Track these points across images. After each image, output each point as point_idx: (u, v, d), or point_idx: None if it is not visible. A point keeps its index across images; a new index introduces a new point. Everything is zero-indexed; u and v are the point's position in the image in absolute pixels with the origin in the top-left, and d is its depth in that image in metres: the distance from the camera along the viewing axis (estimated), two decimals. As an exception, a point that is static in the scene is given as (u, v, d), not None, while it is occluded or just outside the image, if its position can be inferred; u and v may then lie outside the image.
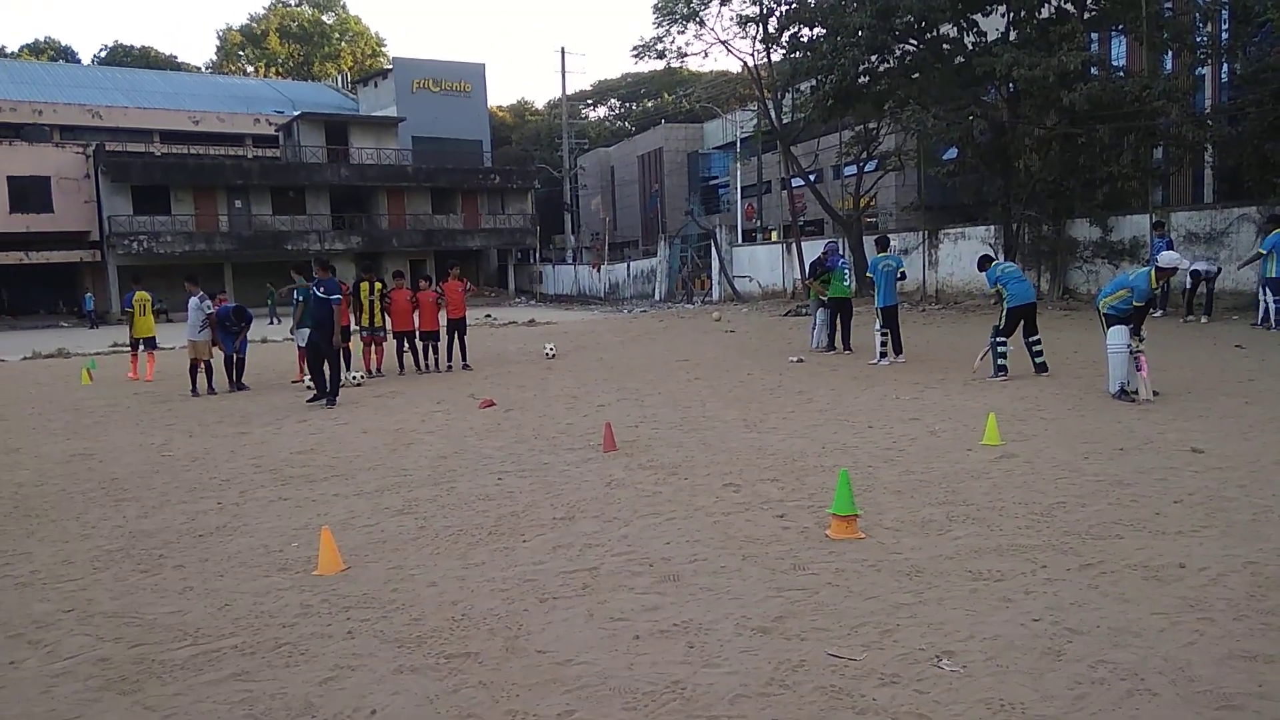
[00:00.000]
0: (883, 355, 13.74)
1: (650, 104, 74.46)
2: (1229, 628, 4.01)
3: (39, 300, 44.38)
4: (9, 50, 72.64)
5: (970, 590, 4.59)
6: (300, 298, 15.08)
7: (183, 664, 4.16)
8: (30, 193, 42.41)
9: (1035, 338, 11.67)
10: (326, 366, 12.38)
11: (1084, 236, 23.25)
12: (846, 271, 15.00)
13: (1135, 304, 9.48)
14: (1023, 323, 11.59)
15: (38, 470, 8.74)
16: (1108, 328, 9.63)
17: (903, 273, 14.29)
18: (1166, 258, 9.68)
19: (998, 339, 11.53)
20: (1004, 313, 11.51)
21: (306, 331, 14.86)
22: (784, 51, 28.95)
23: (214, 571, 5.46)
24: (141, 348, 17.36)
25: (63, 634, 4.59)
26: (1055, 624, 4.13)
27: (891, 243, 15.68)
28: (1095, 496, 6.13)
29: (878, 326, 13.87)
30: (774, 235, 43.77)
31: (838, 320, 15.44)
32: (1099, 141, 20.93)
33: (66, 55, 74.10)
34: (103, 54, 76.31)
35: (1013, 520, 5.70)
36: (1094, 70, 22.42)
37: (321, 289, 12.28)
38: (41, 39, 76.72)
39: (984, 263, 12.23)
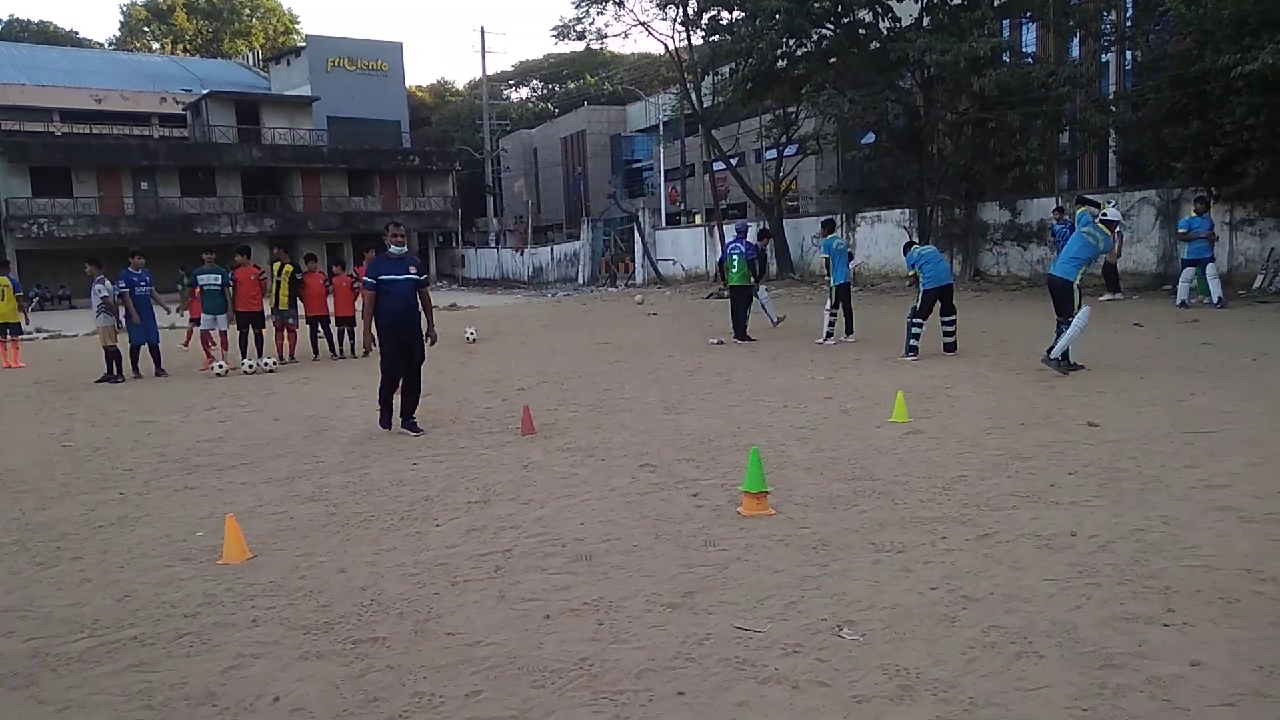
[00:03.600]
0: (829, 335, 13.88)
1: (573, 85, 73.92)
2: (1114, 591, 4.19)
3: (-70, 287, 42.37)
4: (-107, 22, 68.94)
5: (873, 562, 4.72)
6: (196, 283, 14.53)
7: (79, 656, 4.06)
8: (-81, 173, 40.44)
9: (950, 318, 11.99)
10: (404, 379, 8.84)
11: (994, 219, 23.93)
12: (735, 259, 14.73)
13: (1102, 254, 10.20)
14: (939, 303, 11.91)
15: (-73, 463, 8.38)
16: (1080, 303, 9.90)
17: (851, 253, 14.46)
18: (1113, 212, 10.29)
19: (913, 319, 11.82)
20: (920, 294, 11.82)
21: (223, 318, 14.53)
22: (704, 34, 29.12)
23: (114, 563, 5.34)
24: (7, 335, 16.78)
25: (-49, 630, 4.43)
26: (951, 592, 4.28)
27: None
28: (995, 470, 6.34)
29: (829, 305, 14.00)
30: (697, 219, 43.93)
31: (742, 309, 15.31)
32: (1008, 126, 21.55)
33: (-44, 29, 70.54)
34: (-3, 28, 72.85)
35: (916, 494, 5.87)
36: (1005, 56, 23.02)
37: (410, 268, 8.76)
38: (-71, 11, 73.02)
39: (907, 248, 12.52)
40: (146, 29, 77.29)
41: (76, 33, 76.26)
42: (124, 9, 79.21)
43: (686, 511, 5.74)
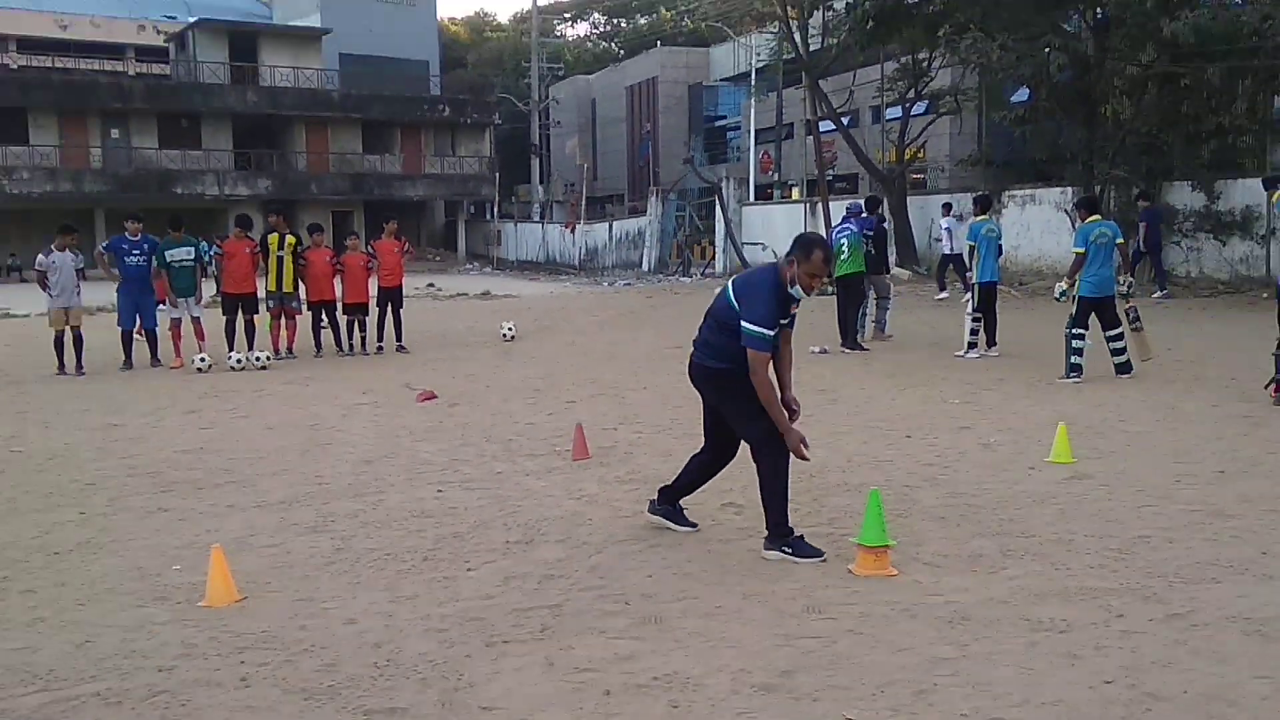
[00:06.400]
0: (972, 345, 13.92)
1: (643, 21, 74.21)
2: (1350, 697, 4.03)
3: None
4: None
5: (1027, 643, 4.61)
6: (163, 263, 14.58)
7: (29, 714, 4.13)
8: None
9: (1114, 332, 11.81)
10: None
11: (1184, 204, 23.32)
12: (844, 242, 14.76)
13: None
14: (1097, 318, 11.73)
15: None
16: None
17: (1000, 245, 14.37)
18: None
19: (1073, 330, 11.68)
20: (1076, 298, 11.68)
21: (194, 301, 14.82)
22: (814, -42, 28.95)
23: (73, 599, 5.42)
24: None
25: (-123, 675, 4.54)
26: (1132, 688, 4.15)
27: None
28: (1188, 530, 6.17)
29: (970, 309, 14.04)
30: (795, 192, 43.80)
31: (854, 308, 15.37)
32: (1207, 85, 20.95)
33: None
34: (-55, -63, 75.46)
35: (1083, 557, 5.73)
36: (1206, -6, 22.40)
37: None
38: None
39: (1083, 210, 12.29)
40: (124, -58, 79.41)
41: (40, -55, 78.61)
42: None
43: (783, 567, 5.70)
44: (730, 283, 6.17)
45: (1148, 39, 21.59)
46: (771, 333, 5.79)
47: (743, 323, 5.77)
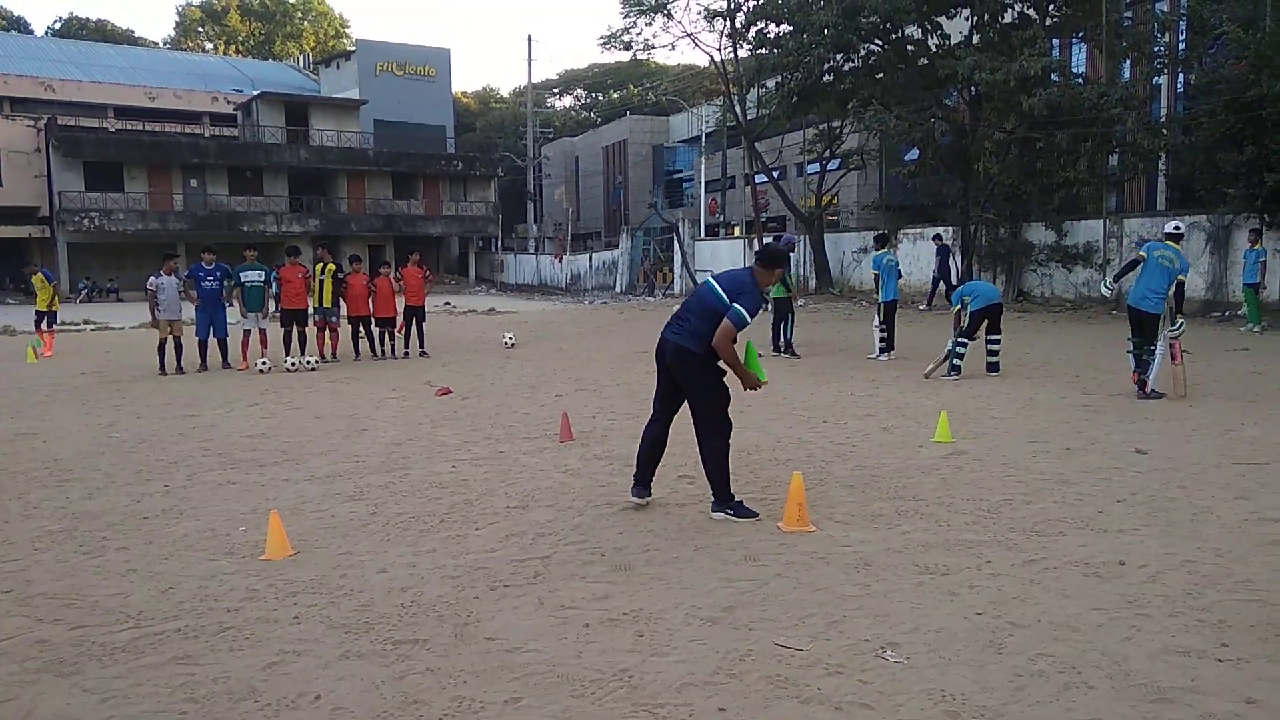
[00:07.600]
0: (881, 350, 13.97)
1: (616, 95, 74.21)
2: (1165, 624, 4.10)
3: (-16, 276, 43.36)
4: (-43, 18, 70.62)
5: (916, 584, 4.65)
6: (238, 282, 14.50)
7: (123, 646, 4.09)
8: (-23, 166, 41.40)
9: (996, 337, 11.92)
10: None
11: (1039, 240, 23.67)
12: None
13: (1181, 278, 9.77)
14: (986, 322, 11.83)
15: (-22, 449, 8.51)
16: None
17: (899, 271, 14.42)
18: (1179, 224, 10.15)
19: (959, 339, 11.72)
20: (968, 315, 11.75)
21: (256, 315, 14.69)
22: (750, 47, 29.13)
23: (158, 554, 5.37)
24: (44, 324, 17.72)
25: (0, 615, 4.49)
26: (998, 617, 4.20)
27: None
28: (1041, 494, 6.24)
29: (877, 322, 14.09)
30: (736, 231, 44.04)
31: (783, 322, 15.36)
32: (1056, 147, 21.33)
33: (18, 26, 72.10)
34: (56, 25, 74.50)
35: (960, 516, 5.78)
36: (1054, 76, 22.84)
37: None
38: (-8, 8, 74.64)
39: (948, 286, 12.49)
40: (200, 29, 78.70)
41: (132, 32, 77.79)
42: (179, 9, 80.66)
43: (725, 525, 5.71)
44: (713, 279, 6.03)
45: (1010, 111, 21.90)
46: (753, 318, 5.80)
47: (736, 305, 5.71)
